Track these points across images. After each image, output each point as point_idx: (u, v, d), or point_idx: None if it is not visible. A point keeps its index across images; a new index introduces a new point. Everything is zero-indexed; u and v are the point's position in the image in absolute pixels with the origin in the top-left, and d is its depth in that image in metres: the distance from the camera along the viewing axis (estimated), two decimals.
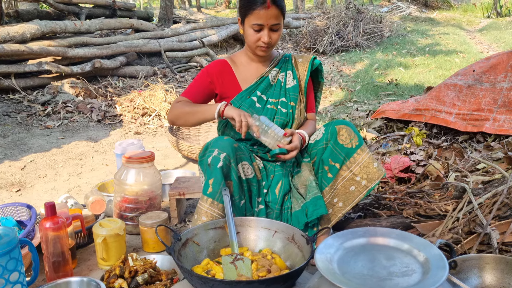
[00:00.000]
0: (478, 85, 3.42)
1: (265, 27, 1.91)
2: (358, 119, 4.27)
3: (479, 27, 13.16)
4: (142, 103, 4.90)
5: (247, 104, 2.03)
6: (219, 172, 1.77)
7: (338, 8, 11.05)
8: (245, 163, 1.89)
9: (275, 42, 1.96)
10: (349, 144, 1.87)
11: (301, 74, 2.12)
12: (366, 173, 1.87)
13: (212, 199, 1.78)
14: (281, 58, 2.15)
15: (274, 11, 1.89)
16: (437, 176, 2.51)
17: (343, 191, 1.91)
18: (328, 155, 1.91)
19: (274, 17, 1.90)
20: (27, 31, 5.32)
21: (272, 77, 2.10)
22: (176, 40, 7.38)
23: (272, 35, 1.94)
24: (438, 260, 1.18)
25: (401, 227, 2.03)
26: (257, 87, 2.06)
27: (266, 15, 1.88)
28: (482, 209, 1.89)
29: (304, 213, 1.87)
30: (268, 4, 1.86)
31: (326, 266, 1.21)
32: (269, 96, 2.07)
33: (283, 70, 2.12)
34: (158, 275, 1.76)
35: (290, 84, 2.10)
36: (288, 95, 2.08)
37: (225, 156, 1.78)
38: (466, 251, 1.76)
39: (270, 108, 2.04)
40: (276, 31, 1.94)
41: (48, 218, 1.73)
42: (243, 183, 1.87)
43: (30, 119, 4.55)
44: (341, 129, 1.89)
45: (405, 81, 6.29)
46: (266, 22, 1.89)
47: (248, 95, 2.05)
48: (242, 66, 2.11)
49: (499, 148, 2.83)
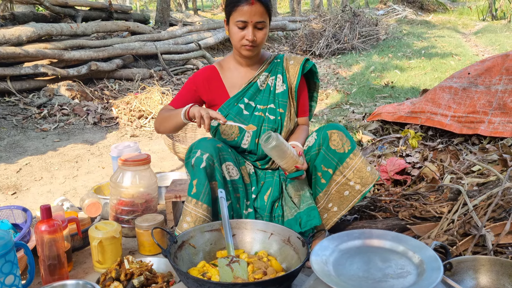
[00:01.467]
0: (473, 87, 3.44)
1: (249, 24, 1.87)
2: (354, 121, 4.28)
3: (474, 30, 13.23)
4: (139, 106, 4.89)
5: (234, 112, 1.99)
6: (203, 173, 1.78)
7: (334, 11, 11.10)
8: (229, 164, 1.88)
9: (260, 41, 1.91)
10: (341, 149, 1.86)
11: (291, 77, 2.05)
12: (360, 177, 1.86)
13: (196, 199, 1.79)
14: (272, 60, 2.09)
15: (259, 7, 1.85)
16: (433, 178, 2.52)
17: (338, 196, 1.90)
18: (321, 161, 1.89)
19: (259, 14, 1.86)
20: (23, 33, 5.32)
21: (261, 82, 2.04)
22: (172, 43, 7.39)
23: (257, 33, 1.89)
24: (432, 262, 1.19)
25: (397, 229, 2.04)
26: (244, 94, 2.02)
27: (250, 11, 1.84)
28: (477, 211, 1.90)
29: (297, 222, 1.87)
30: (252, 0, 1.84)
31: (321, 268, 1.21)
32: (258, 102, 2.02)
33: (273, 73, 2.06)
34: (154, 277, 1.76)
35: (279, 89, 2.04)
36: (277, 101, 2.02)
37: (208, 156, 1.79)
38: (461, 253, 1.76)
39: (258, 115, 2.00)
40: (261, 30, 1.90)
41: (43, 221, 1.73)
42: (227, 183, 1.86)
43: (26, 121, 4.54)
44: (332, 134, 1.86)
45: (401, 83, 6.32)
46: (250, 19, 1.86)
47: (235, 102, 2.00)
48: (230, 72, 2.07)
49: (494, 150, 2.85)
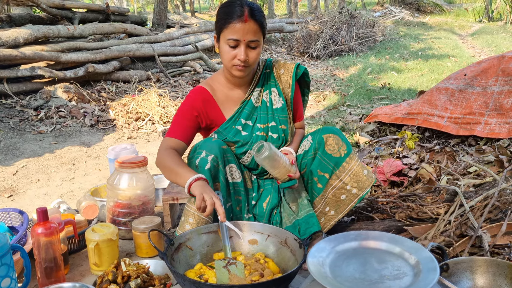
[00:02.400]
0: (469, 89, 3.45)
1: (241, 43, 1.74)
2: (351, 123, 4.29)
3: (471, 31, 13.28)
4: (136, 108, 4.89)
5: (232, 134, 1.91)
6: (207, 174, 1.74)
7: (332, 13, 11.13)
8: (233, 166, 1.86)
9: (253, 61, 1.79)
10: (337, 154, 1.83)
11: (285, 88, 1.96)
12: (356, 181, 1.84)
13: None
14: (262, 71, 1.97)
15: (252, 25, 1.73)
16: (429, 179, 2.53)
17: (334, 200, 1.88)
18: (317, 165, 1.86)
19: (252, 32, 1.73)
20: (20, 35, 5.31)
21: (255, 99, 1.95)
22: (169, 45, 7.39)
23: (250, 53, 1.77)
24: (429, 263, 1.19)
25: (394, 231, 2.04)
26: (240, 115, 1.93)
27: (243, 29, 1.72)
28: (474, 212, 1.90)
29: (296, 230, 1.87)
30: (246, 17, 1.71)
31: (318, 269, 1.21)
32: (256, 121, 1.94)
33: (267, 87, 1.97)
34: (151, 280, 1.75)
35: (277, 105, 1.95)
36: (278, 117, 1.94)
37: (213, 157, 1.76)
38: (458, 254, 1.77)
39: (260, 135, 1.92)
40: (254, 49, 1.78)
41: (40, 223, 1.72)
42: (229, 186, 1.85)
43: (23, 124, 4.53)
44: (328, 139, 1.83)
45: (398, 85, 6.33)
46: (242, 37, 1.73)
47: (232, 124, 1.92)
48: (221, 93, 1.95)
49: (490, 151, 2.86)
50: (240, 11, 1.72)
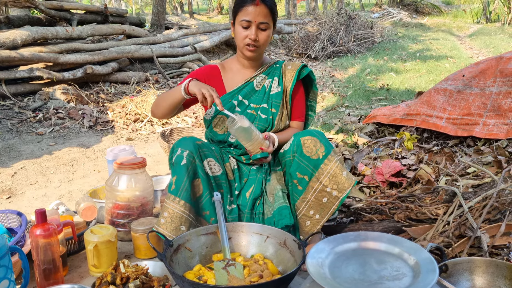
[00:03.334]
0: (467, 90, 3.46)
1: (252, 24, 1.94)
2: (350, 124, 4.29)
3: (469, 32, 13.31)
4: (134, 109, 4.89)
5: (227, 107, 2.05)
6: (182, 170, 1.82)
7: (330, 14, 11.14)
8: (211, 160, 1.92)
9: (263, 42, 1.98)
10: (315, 156, 1.83)
11: (287, 81, 2.11)
12: (336, 183, 1.83)
13: (174, 195, 1.82)
14: (271, 64, 2.16)
15: (263, 9, 1.93)
16: (428, 180, 2.53)
17: (317, 203, 1.87)
18: (296, 168, 1.88)
19: (263, 15, 1.93)
20: (18, 37, 5.30)
21: (257, 83, 2.12)
22: (168, 46, 7.39)
23: (260, 34, 1.96)
24: (428, 264, 1.19)
25: (393, 231, 2.04)
26: (239, 92, 2.09)
27: (255, 11, 1.92)
28: (472, 212, 1.90)
29: (273, 221, 1.88)
30: (258, 1, 1.92)
31: (317, 270, 1.21)
32: (252, 101, 2.09)
33: (270, 76, 2.13)
34: (150, 281, 1.75)
35: (274, 91, 2.10)
36: (271, 101, 2.09)
37: (188, 153, 1.83)
38: (457, 254, 1.76)
39: (250, 113, 2.07)
40: (264, 31, 1.97)
41: (38, 225, 1.72)
42: (210, 179, 1.90)
43: (21, 125, 4.53)
44: (305, 141, 1.85)
45: (396, 86, 6.34)
46: (254, 19, 1.93)
47: (230, 98, 2.08)
48: (231, 72, 2.15)
49: (489, 152, 2.86)
50: None
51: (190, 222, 1.84)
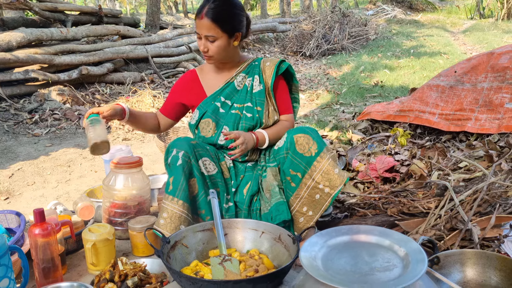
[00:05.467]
0: (459, 85, 3.50)
1: (202, 36, 1.99)
2: (345, 121, 4.33)
3: (462, 28, 13.37)
4: None
5: (211, 109, 2.10)
6: (179, 170, 1.85)
7: (324, 12, 11.16)
8: (206, 159, 1.95)
9: (213, 52, 2.01)
10: (308, 153, 1.87)
11: (267, 77, 2.13)
12: (328, 180, 1.86)
13: (172, 196, 1.85)
14: (250, 63, 2.18)
15: (206, 22, 1.95)
16: (421, 175, 2.57)
17: (310, 200, 1.91)
18: (289, 165, 1.92)
19: (206, 28, 1.96)
20: (13, 39, 5.30)
21: (238, 82, 2.15)
22: (163, 46, 7.40)
23: (209, 45, 2.00)
24: (417, 254, 1.23)
25: (386, 226, 2.08)
26: (221, 93, 2.13)
27: (200, 25, 1.97)
28: (463, 206, 1.94)
29: (270, 216, 1.91)
30: (202, 15, 1.95)
31: (310, 263, 1.24)
32: (234, 101, 2.12)
33: (251, 75, 2.16)
34: (148, 278, 1.78)
35: (256, 89, 2.13)
36: (254, 99, 2.11)
37: (183, 153, 1.86)
38: (449, 247, 1.80)
39: (235, 113, 2.09)
40: (213, 42, 1.99)
41: (37, 224, 1.74)
42: (206, 179, 1.93)
43: (18, 127, 4.54)
44: (299, 138, 1.88)
45: (391, 83, 6.38)
46: (200, 32, 1.99)
47: (212, 100, 2.12)
48: (209, 74, 2.20)
49: (481, 146, 2.90)
50: (201, 9, 1.98)
51: (189, 221, 1.87)
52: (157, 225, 1.88)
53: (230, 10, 2.00)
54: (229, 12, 2.00)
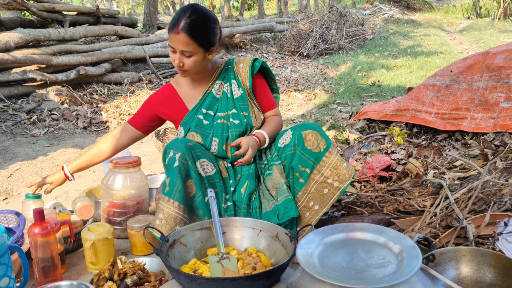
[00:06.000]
0: (455, 85, 3.52)
1: (177, 51, 1.93)
2: (342, 120, 4.35)
3: (459, 28, 13.41)
4: (128, 109, 4.92)
5: (194, 124, 2.07)
6: (175, 172, 1.85)
7: (321, 12, 11.19)
8: (204, 160, 1.94)
9: (189, 67, 1.97)
10: (317, 149, 1.90)
11: (244, 80, 2.11)
12: (337, 174, 1.90)
13: (168, 197, 1.86)
14: (223, 67, 2.15)
15: (183, 38, 1.89)
16: (417, 173, 2.59)
17: (318, 194, 1.94)
18: (297, 161, 1.93)
19: (183, 44, 1.90)
20: (11, 39, 5.31)
21: (215, 91, 2.11)
22: (160, 46, 7.41)
23: (185, 60, 1.95)
24: (411, 250, 1.25)
25: (382, 224, 2.10)
26: (201, 105, 2.10)
27: (176, 39, 1.90)
28: (458, 204, 1.96)
29: (275, 214, 1.92)
30: (178, 30, 1.88)
31: (307, 260, 1.26)
32: (217, 110, 2.10)
33: (227, 80, 2.13)
34: (147, 276, 1.80)
35: (237, 94, 2.11)
36: (238, 105, 2.09)
37: (181, 155, 1.86)
38: (444, 244, 1.81)
39: (221, 123, 2.06)
40: (189, 57, 1.94)
41: (36, 223, 1.75)
42: (203, 180, 1.93)
43: (16, 127, 4.55)
44: (307, 135, 1.90)
45: (387, 82, 6.41)
46: (175, 47, 1.92)
47: (194, 114, 2.09)
48: (185, 86, 2.16)
49: (476, 145, 2.92)
50: (177, 23, 1.89)
51: (185, 222, 1.88)
52: (153, 225, 1.89)
53: (206, 25, 1.95)
54: (205, 27, 1.94)
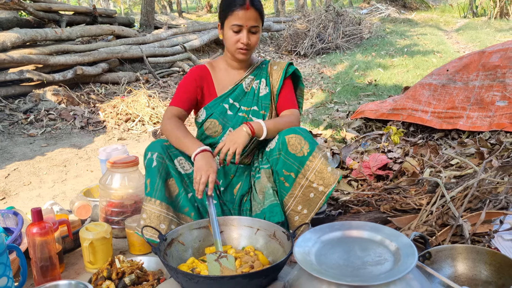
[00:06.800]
0: (451, 84, 3.54)
1: (244, 28, 1.96)
2: (339, 119, 4.37)
3: (456, 27, 13.45)
4: (125, 109, 4.92)
5: (219, 111, 2.08)
6: (154, 172, 1.87)
7: (318, 11, 11.21)
8: (181, 158, 1.96)
9: (253, 44, 2.01)
10: (300, 153, 1.86)
11: (274, 81, 2.12)
12: (322, 178, 1.85)
13: (150, 197, 1.87)
14: (258, 65, 2.18)
15: (253, 12, 1.95)
16: (413, 172, 2.60)
17: (305, 199, 1.91)
18: (282, 166, 1.91)
19: (253, 19, 1.95)
20: (7, 39, 5.30)
21: (246, 85, 2.13)
22: (158, 46, 7.41)
23: (251, 37, 1.98)
24: (407, 248, 1.26)
25: (379, 222, 2.10)
26: (230, 95, 2.10)
27: (245, 16, 1.93)
28: (454, 202, 1.97)
29: (263, 218, 1.91)
30: (247, 5, 1.93)
31: (304, 258, 1.27)
32: (242, 103, 2.10)
33: (258, 77, 2.15)
34: (145, 275, 1.80)
35: (262, 92, 2.12)
36: (260, 103, 2.11)
37: (157, 155, 1.89)
38: (440, 242, 1.83)
39: (241, 116, 2.09)
40: (255, 34, 1.99)
41: (35, 223, 1.75)
42: (184, 177, 1.95)
43: (13, 127, 4.54)
44: (290, 139, 1.87)
45: (384, 81, 6.42)
46: (245, 23, 1.95)
47: (221, 102, 2.09)
48: (220, 72, 2.15)
49: (472, 144, 2.94)
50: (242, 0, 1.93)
51: (170, 220, 1.89)
52: (139, 226, 1.90)
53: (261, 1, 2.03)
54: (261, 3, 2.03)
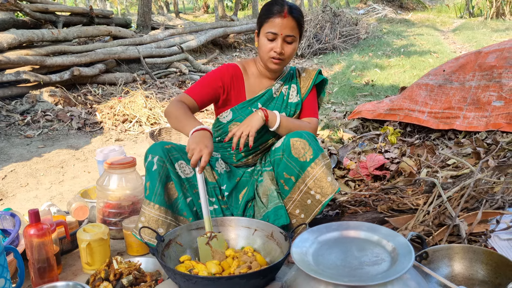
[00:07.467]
0: (448, 84, 3.55)
1: (279, 36, 1.90)
2: (336, 120, 4.38)
3: (452, 27, 13.50)
4: (123, 110, 4.92)
5: (246, 114, 2.02)
6: (154, 175, 1.86)
7: (315, 12, 11.22)
8: (182, 162, 1.94)
9: (288, 55, 1.95)
10: (303, 158, 1.84)
11: (303, 89, 2.12)
12: (320, 187, 1.83)
13: (149, 200, 1.87)
14: (287, 71, 2.15)
15: (291, 21, 1.89)
16: (410, 172, 2.61)
17: (302, 203, 1.91)
18: (283, 168, 1.91)
19: (289, 28, 1.90)
20: (4, 40, 5.29)
21: (275, 90, 2.10)
22: (155, 46, 7.40)
23: (285, 47, 1.93)
24: (404, 248, 1.26)
25: (376, 222, 2.11)
26: (259, 99, 2.07)
27: (282, 24, 1.88)
28: (451, 202, 1.98)
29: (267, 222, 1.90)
30: (285, 13, 1.88)
31: (301, 258, 1.28)
32: (270, 108, 2.06)
33: (287, 83, 2.12)
34: (143, 276, 1.81)
35: (293, 99, 2.10)
36: (289, 109, 2.08)
37: (158, 158, 1.87)
38: (437, 242, 1.83)
39: None
40: (290, 44, 1.94)
41: (32, 225, 1.75)
42: (183, 182, 1.93)
43: (9, 128, 4.53)
44: (295, 142, 1.85)
45: (381, 81, 6.44)
46: (280, 31, 1.89)
47: (249, 105, 2.06)
48: (252, 77, 2.11)
49: (468, 144, 2.95)
50: (281, 8, 1.89)
51: (168, 224, 1.89)
52: (136, 229, 1.90)
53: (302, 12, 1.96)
54: (302, 13, 1.96)
